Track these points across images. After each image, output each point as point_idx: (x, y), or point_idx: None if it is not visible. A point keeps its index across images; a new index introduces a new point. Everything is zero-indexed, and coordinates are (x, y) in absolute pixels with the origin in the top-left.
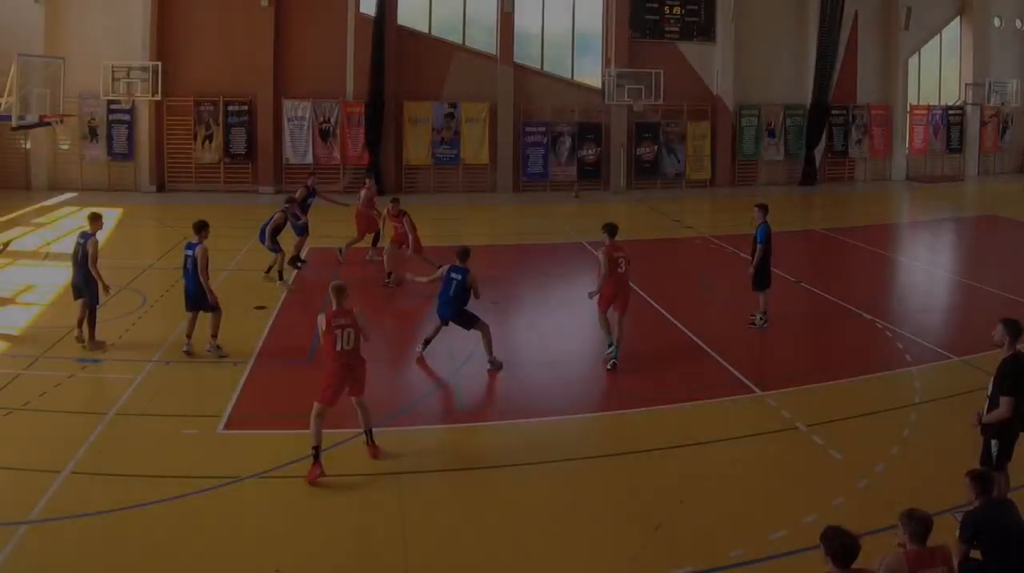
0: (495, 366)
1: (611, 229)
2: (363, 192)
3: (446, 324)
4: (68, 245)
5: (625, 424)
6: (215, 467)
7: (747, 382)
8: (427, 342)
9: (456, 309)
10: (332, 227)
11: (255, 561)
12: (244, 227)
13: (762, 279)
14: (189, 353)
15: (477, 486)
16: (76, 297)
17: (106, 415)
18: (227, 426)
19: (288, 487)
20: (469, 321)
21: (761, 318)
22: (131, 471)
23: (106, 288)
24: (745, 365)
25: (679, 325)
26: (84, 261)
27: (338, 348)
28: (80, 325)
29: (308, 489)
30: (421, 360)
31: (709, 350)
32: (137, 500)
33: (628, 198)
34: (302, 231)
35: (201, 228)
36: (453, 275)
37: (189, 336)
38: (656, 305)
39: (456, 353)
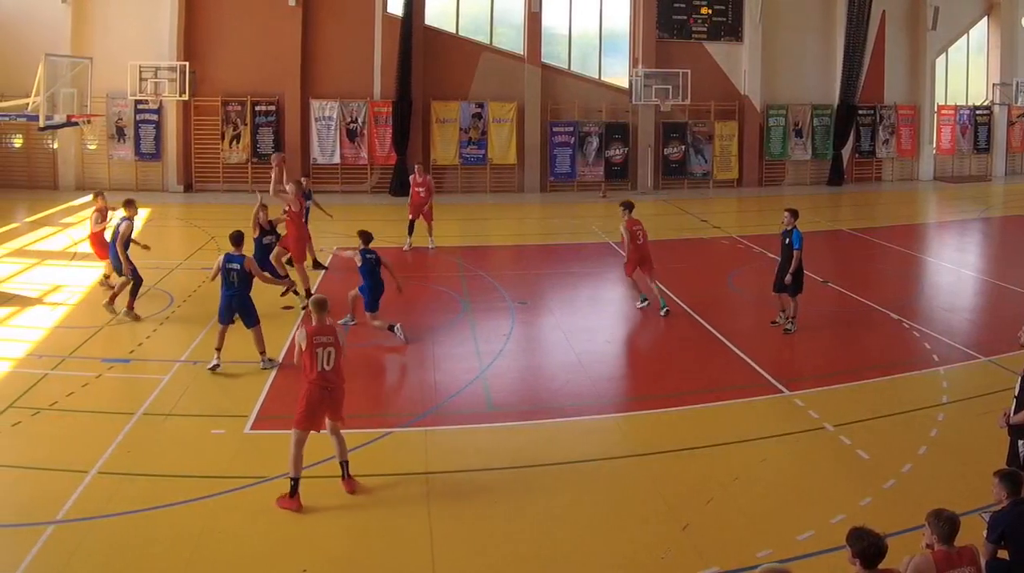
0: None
1: (628, 206)
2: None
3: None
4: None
5: (653, 424)
6: (242, 467)
7: (774, 382)
8: None
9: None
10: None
11: (282, 561)
12: None
13: (799, 283)
14: (217, 368)
15: (505, 486)
16: (119, 275)
17: (134, 415)
18: (254, 426)
19: (315, 487)
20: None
21: (791, 323)
22: (158, 471)
23: (146, 247)
24: (772, 365)
25: (707, 325)
26: (114, 241)
27: (319, 368)
28: (114, 297)
29: (336, 489)
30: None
31: (736, 350)
32: (164, 500)
33: (655, 198)
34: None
35: (239, 240)
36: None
37: (219, 350)
38: (684, 305)
39: (484, 353)
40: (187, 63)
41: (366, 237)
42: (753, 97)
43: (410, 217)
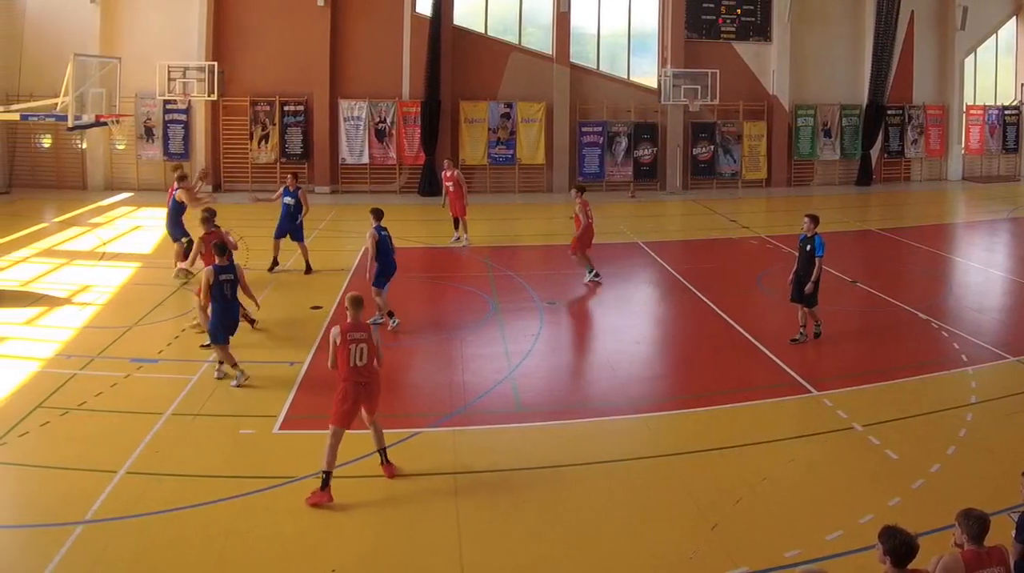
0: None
1: (581, 189)
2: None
3: None
4: (124, 245)
5: (681, 424)
6: (271, 467)
7: (803, 382)
8: None
9: None
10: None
11: (311, 561)
12: None
13: (815, 294)
14: (245, 379)
15: (533, 486)
16: (173, 240)
17: (162, 415)
18: (283, 426)
19: (344, 487)
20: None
21: (816, 327)
22: (187, 471)
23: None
24: (801, 365)
25: (735, 325)
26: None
27: (351, 364)
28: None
29: (364, 488)
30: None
31: (765, 350)
32: (193, 500)
33: (684, 198)
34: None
35: (224, 249)
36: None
37: (236, 364)
38: (712, 305)
39: (512, 354)
40: (216, 63)
41: (378, 214)
42: (782, 97)
43: (451, 215)
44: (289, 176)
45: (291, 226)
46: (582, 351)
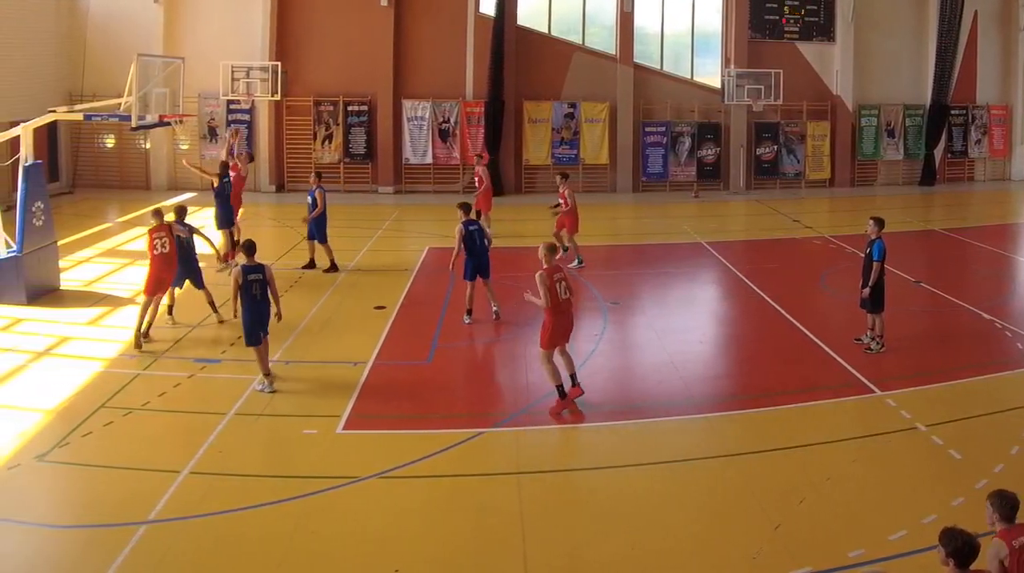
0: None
1: (565, 175)
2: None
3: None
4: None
5: (745, 424)
6: (334, 467)
7: (866, 382)
8: None
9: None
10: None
11: (374, 561)
12: (364, 227)
13: (878, 300)
14: (272, 390)
15: (596, 486)
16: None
17: (225, 415)
18: (346, 426)
19: (408, 487)
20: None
21: (878, 342)
22: (250, 471)
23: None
24: (864, 365)
25: (798, 325)
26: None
27: (560, 297)
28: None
29: (428, 490)
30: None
31: (828, 350)
32: (256, 500)
33: (747, 198)
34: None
35: (254, 249)
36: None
37: (268, 374)
38: (775, 305)
39: (575, 353)
40: (279, 63)
41: (467, 208)
42: (845, 97)
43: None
44: (312, 175)
45: (311, 225)
46: (645, 351)
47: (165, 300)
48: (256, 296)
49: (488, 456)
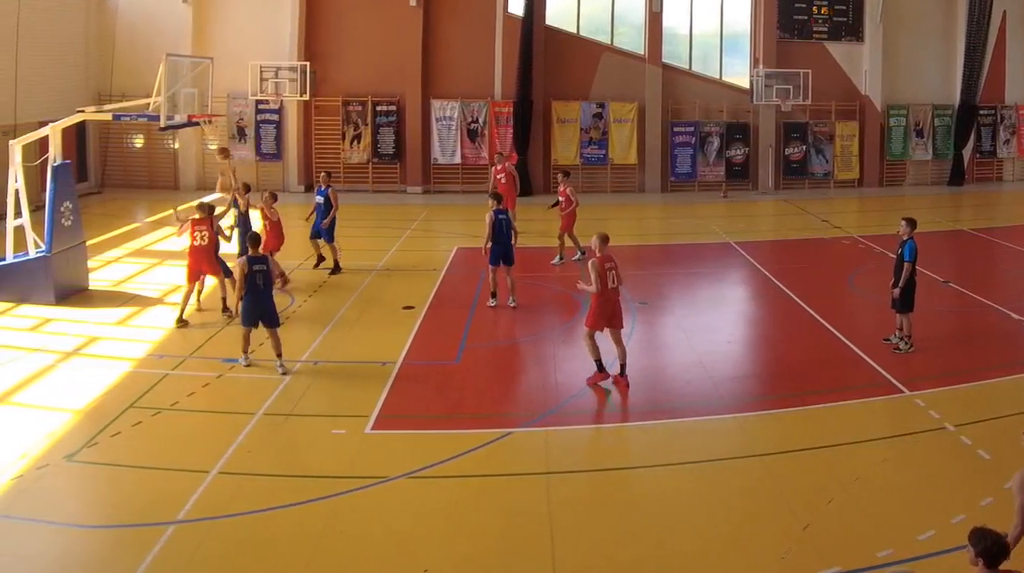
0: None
1: (567, 173)
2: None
3: None
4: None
5: (774, 424)
6: (363, 467)
7: (895, 382)
8: None
9: None
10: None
11: (403, 562)
12: (393, 227)
13: (908, 300)
14: (247, 364)
15: (625, 486)
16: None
17: (254, 415)
18: (375, 426)
19: (436, 487)
20: None
21: (906, 343)
22: (279, 471)
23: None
24: (893, 365)
25: (827, 325)
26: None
27: (610, 285)
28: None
29: (456, 490)
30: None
31: (857, 350)
32: (285, 500)
33: (776, 198)
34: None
35: (258, 241)
36: None
37: (247, 351)
38: (804, 305)
39: (606, 353)
40: (308, 63)
41: (498, 197)
42: (874, 97)
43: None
44: (321, 174)
45: (317, 225)
46: (674, 351)
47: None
48: (260, 285)
49: (517, 456)
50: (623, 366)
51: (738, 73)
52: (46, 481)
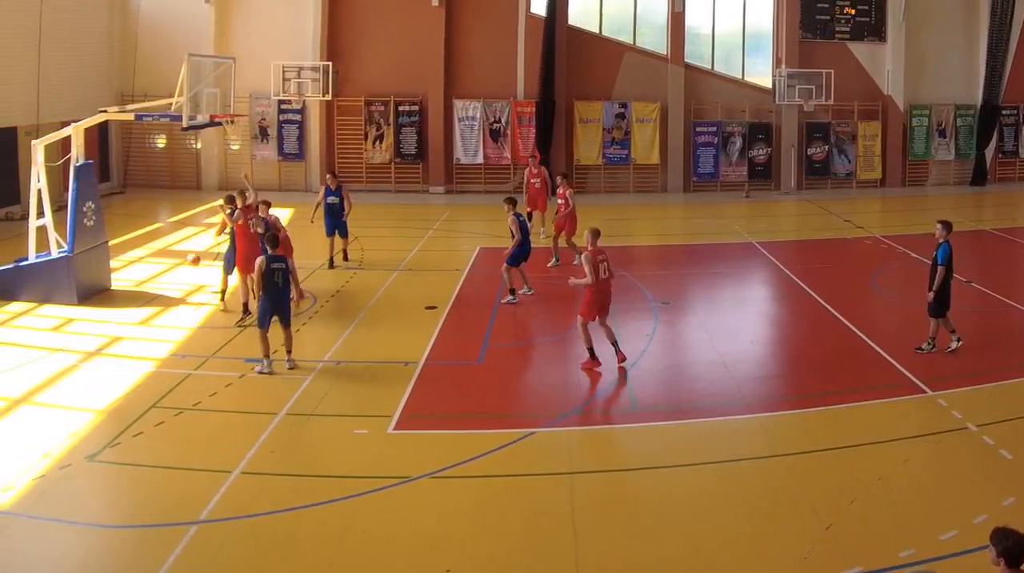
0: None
1: (566, 174)
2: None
3: None
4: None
5: (796, 424)
6: (385, 467)
7: (917, 382)
8: None
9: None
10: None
11: (425, 561)
12: (416, 228)
13: (942, 304)
14: (269, 372)
15: (648, 486)
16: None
17: (276, 415)
18: (397, 426)
19: (459, 487)
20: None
21: (929, 344)
22: (301, 471)
23: None
24: (915, 365)
25: (849, 325)
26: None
27: (601, 276)
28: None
29: (479, 490)
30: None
31: (880, 350)
32: (307, 500)
33: (798, 198)
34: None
35: (276, 241)
36: None
37: (268, 355)
38: (826, 305)
39: (627, 354)
40: (330, 63)
41: (513, 201)
42: (896, 97)
43: (527, 209)
44: (329, 175)
45: (337, 223)
46: (696, 351)
47: (218, 286)
48: (278, 283)
49: (539, 456)
50: (615, 343)
51: (760, 73)
52: (68, 481)
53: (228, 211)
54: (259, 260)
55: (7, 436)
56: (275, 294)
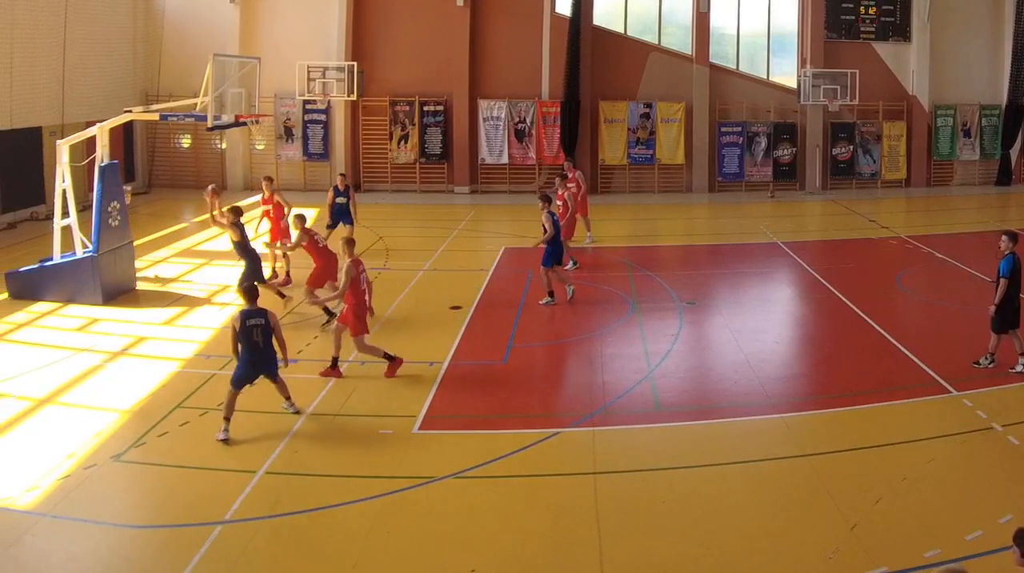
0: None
1: (564, 175)
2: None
3: None
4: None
5: (821, 424)
6: (410, 467)
7: (943, 382)
8: None
9: None
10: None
11: (450, 561)
12: (440, 227)
13: (1005, 319)
14: (227, 441)
15: (672, 486)
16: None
17: (301, 415)
18: (422, 426)
19: (483, 487)
20: None
21: (988, 358)
22: (326, 471)
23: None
24: (941, 365)
25: (875, 325)
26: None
27: (361, 287)
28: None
29: (504, 490)
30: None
31: (905, 350)
32: (332, 500)
33: (823, 198)
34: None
35: (255, 294)
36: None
37: (229, 419)
38: (852, 305)
39: (652, 354)
40: (355, 63)
41: (547, 199)
42: (921, 97)
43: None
44: (339, 176)
45: (344, 217)
46: (721, 351)
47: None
48: (258, 343)
49: (564, 456)
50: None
51: (785, 73)
52: (93, 481)
53: (299, 229)
54: (233, 314)
55: (32, 436)
56: (255, 355)
